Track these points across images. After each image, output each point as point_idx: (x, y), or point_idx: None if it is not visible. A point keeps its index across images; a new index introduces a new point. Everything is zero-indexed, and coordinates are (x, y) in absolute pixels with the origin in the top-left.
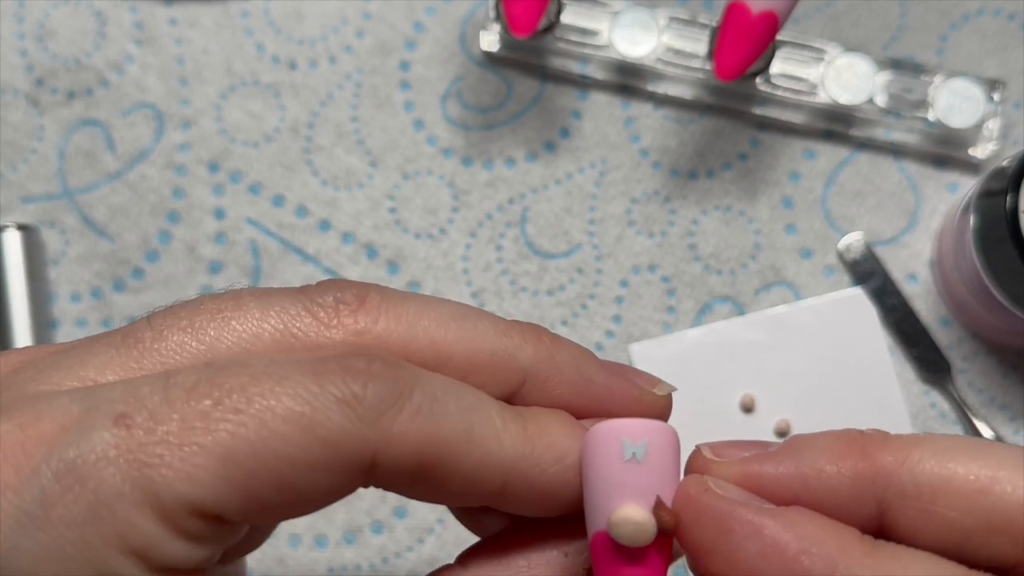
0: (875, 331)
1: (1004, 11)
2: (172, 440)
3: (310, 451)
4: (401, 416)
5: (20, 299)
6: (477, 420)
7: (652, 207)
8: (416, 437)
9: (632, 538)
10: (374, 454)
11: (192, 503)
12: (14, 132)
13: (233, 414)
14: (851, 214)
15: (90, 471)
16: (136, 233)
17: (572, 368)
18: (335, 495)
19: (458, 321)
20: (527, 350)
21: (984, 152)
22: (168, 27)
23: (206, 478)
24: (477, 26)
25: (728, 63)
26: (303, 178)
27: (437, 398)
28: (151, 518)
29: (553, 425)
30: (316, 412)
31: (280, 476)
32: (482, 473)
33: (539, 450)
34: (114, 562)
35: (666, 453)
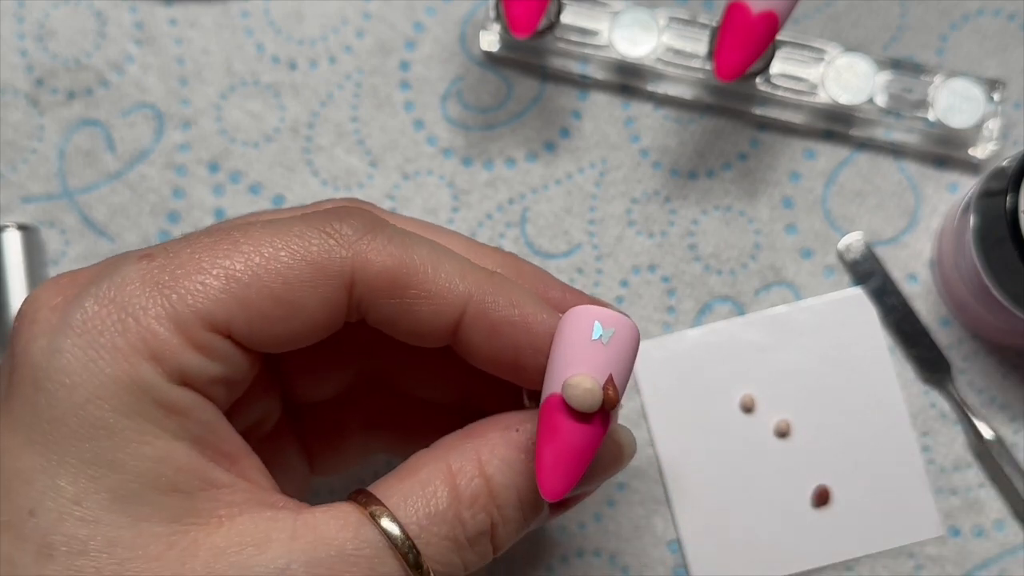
0: (875, 331)
1: (1004, 11)
2: (184, 266)
3: (298, 269)
4: (376, 241)
5: (20, 299)
6: (446, 256)
7: (652, 207)
8: (388, 257)
9: (581, 401)
10: (352, 270)
11: (202, 314)
12: (14, 132)
13: (233, 244)
14: (851, 214)
15: (119, 292)
16: (136, 233)
17: (532, 276)
18: (327, 316)
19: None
20: (495, 258)
21: (984, 152)
22: (168, 27)
23: (212, 293)
24: (477, 26)
25: (728, 63)
26: (303, 178)
27: (407, 234)
28: (169, 328)
29: (516, 284)
30: (301, 238)
31: (275, 291)
32: (445, 297)
33: (499, 289)
34: (138, 363)
35: (626, 344)
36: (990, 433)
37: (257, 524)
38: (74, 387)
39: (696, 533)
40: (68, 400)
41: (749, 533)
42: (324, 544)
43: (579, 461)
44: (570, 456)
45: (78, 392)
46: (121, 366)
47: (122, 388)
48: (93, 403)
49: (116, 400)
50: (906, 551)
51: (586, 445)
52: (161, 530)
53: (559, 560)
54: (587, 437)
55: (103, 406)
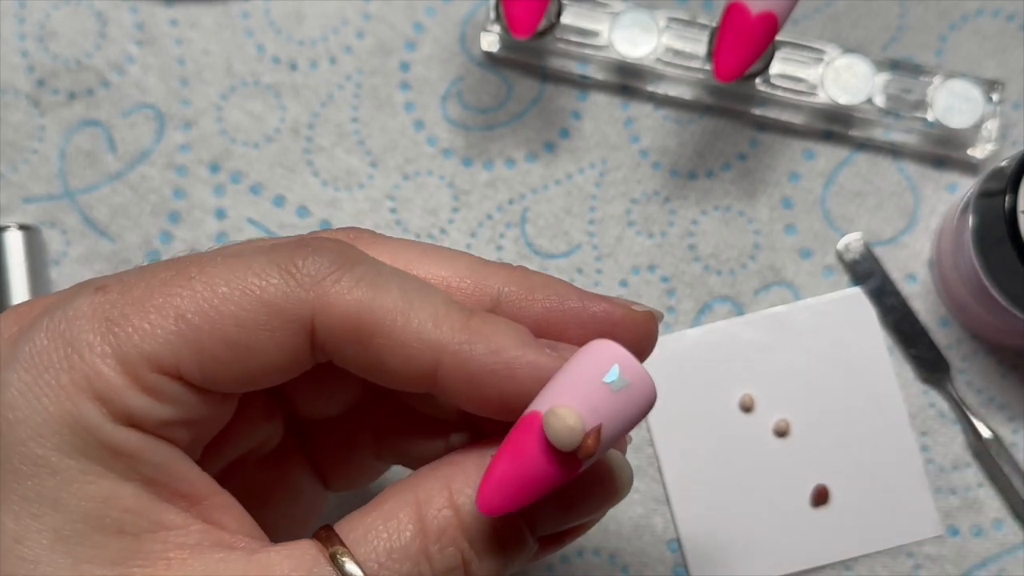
0: (874, 331)
1: (1003, 12)
2: (135, 303)
3: (252, 310)
4: (340, 283)
5: (21, 299)
6: (418, 301)
7: (652, 207)
8: (352, 302)
9: (555, 434)
10: (312, 315)
11: (149, 356)
12: (15, 133)
13: (187, 281)
14: (850, 214)
15: (69, 326)
16: (137, 233)
17: (544, 288)
18: (286, 360)
19: (438, 252)
20: (500, 275)
21: (983, 152)
22: (169, 28)
23: (160, 333)
24: (477, 27)
25: (727, 64)
26: (304, 179)
27: (380, 275)
28: (114, 367)
29: (500, 325)
30: (258, 278)
31: (227, 334)
32: (416, 348)
33: (475, 338)
34: (81, 403)
35: (635, 402)
36: (989, 433)
37: (207, 566)
38: (17, 423)
39: (696, 532)
40: (11, 436)
41: (748, 532)
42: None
43: (529, 490)
44: (521, 481)
45: (20, 428)
46: (64, 405)
47: (65, 427)
48: (35, 440)
49: (58, 439)
50: (905, 550)
51: (542, 478)
52: (104, 572)
53: (559, 559)
54: (547, 472)
55: (45, 444)
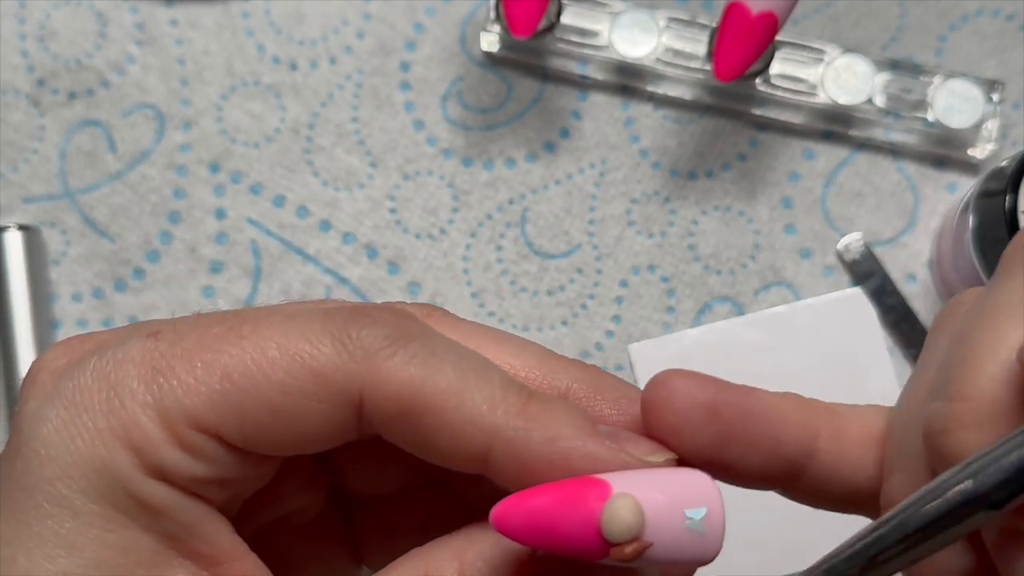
0: (874, 331)
1: (1003, 12)
2: (185, 355)
3: (300, 379)
4: (393, 359)
5: (21, 299)
6: (475, 381)
7: (652, 207)
8: (404, 380)
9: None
10: (361, 389)
11: (190, 412)
12: (15, 133)
13: (238, 339)
14: (850, 214)
15: (116, 369)
16: (137, 233)
17: (615, 390)
18: (331, 431)
19: (508, 340)
20: (571, 372)
21: (983, 152)
22: (169, 28)
23: (204, 391)
24: (477, 27)
25: (727, 64)
26: (304, 178)
27: (436, 352)
28: (154, 419)
29: (559, 411)
30: (310, 345)
31: (272, 400)
32: (468, 432)
33: (532, 425)
34: (114, 451)
35: (692, 553)
36: None
37: None
38: (48, 460)
39: None
40: (40, 473)
41: (747, 533)
42: None
43: (549, 535)
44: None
45: (50, 467)
46: (97, 449)
47: (94, 471)
48: (62, 480)
49: (86, 482)
50: None
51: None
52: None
53: None
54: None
55: (72, 486)
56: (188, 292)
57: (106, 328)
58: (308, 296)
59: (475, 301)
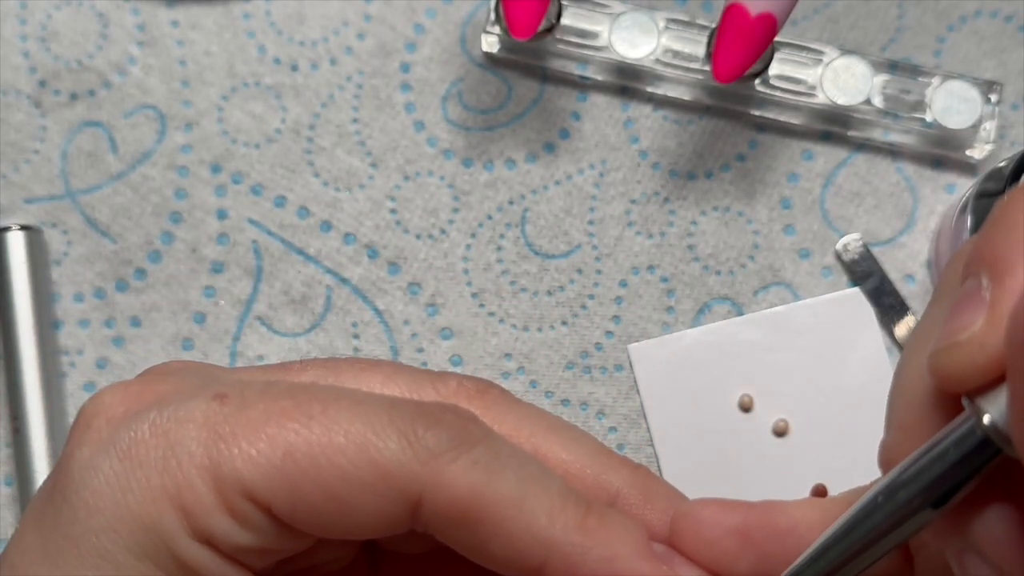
0: (873, 331)
1: (1002, 13)
2: (249, 424)
3: (361, 469)
4: (457, 463)
5: (23, 299)
6: (534, 492)
7: (651, 208)
8: (465, 486)
9: None
10: (421, 491)
11: (245, 482)
12: (16, 133)
13: (306, 418)
14: (849, 215)
15: (177, 427)
16: (138, 234)
17: (664, 500)
18: (383, 524)
19: (562, 431)
20: (622, 473)
21: (981, 153)
22: (170, 29)
23: (263, 464)
24: (477, 28)
25: (726, 65)
26: (304, 179)
27: (499, 458)
28: (207, 484)
29: (618, 528)
30: (376, 437)
31: (330, 485)
32: (525, 543)
33: (590, 542)
34: (164, 511)
35: None
36: None
37: None
38: (96, 511)
39: None
40: (86, 523)
41: None
42: None
43: None
44: None
45: (97, 519)
46: (147, 507)
47: (141, 529)
48: (108, 535)
49: (132, 539)
50: None
51: None
52: None
53: None
54: None
55: (118, 541)
56: (189, 292)
57: (108, 329)
58: (309, 295)
59: (475, 301)
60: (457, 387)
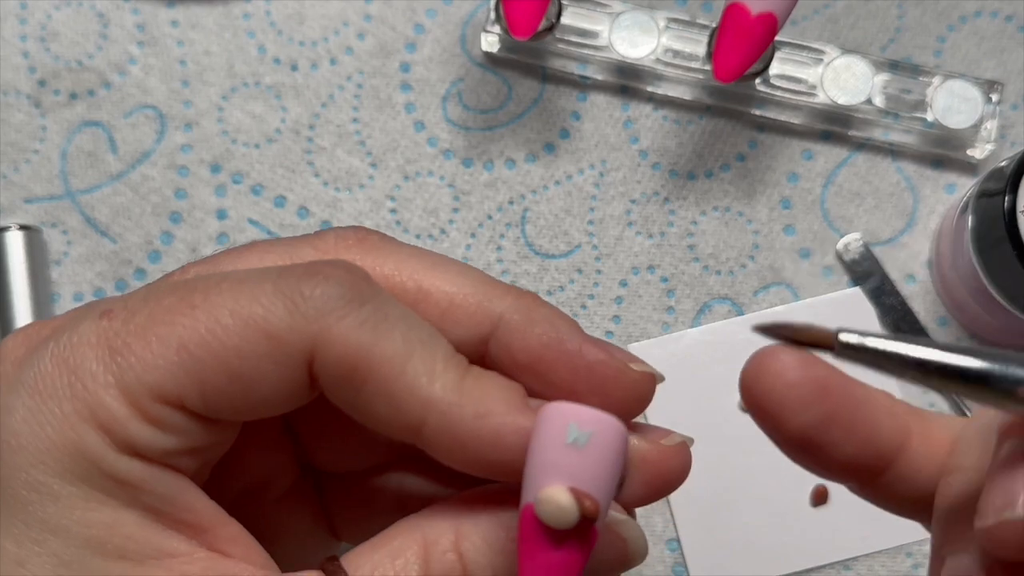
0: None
1: (1002, 12)
2: (139, 330)
3: (254, 342)
4: (344, 321)
5: (23, 299)
6: (419, 353)
7: (651, 208)
8: (353, 344)
9: (554, 518)
10: (312, 349)
11: (151, 386)
12: (16, 133)
13: (190, 309)
14: (849, 215)
15: (74, 352)
16: (138, 233)
17: (547, 323)
18: (287, 391)
19: (446, 267)
20: (506, 300)
21: (982, 153)
22: (170, 28)
23: (163, 364)
24: (477, 27)
25: (727, 64)
26: (304, 179)
27: (387, 318)
28: (117, 398)
29: (492, 387)
30: (262, 308)
31: (229, 365)
32: (406, 401)
33: (464, 400)
34: (84, 432)
35: (608, 447)
36: None
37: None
38: (20, 449)
39: (695, 532)
40: (12, 462)
41: (748, 532)
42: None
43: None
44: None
45: (23, 455)
46: (67, 433)
47: (67, 455)
48: (37, 467)
49: (60, 466)
50: (904, 550)
51: (569, 565)
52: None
53: None
54: (569, 557)
55: (47, 471)
56: None
57: None
58: None
59: None
60: (335, 240)
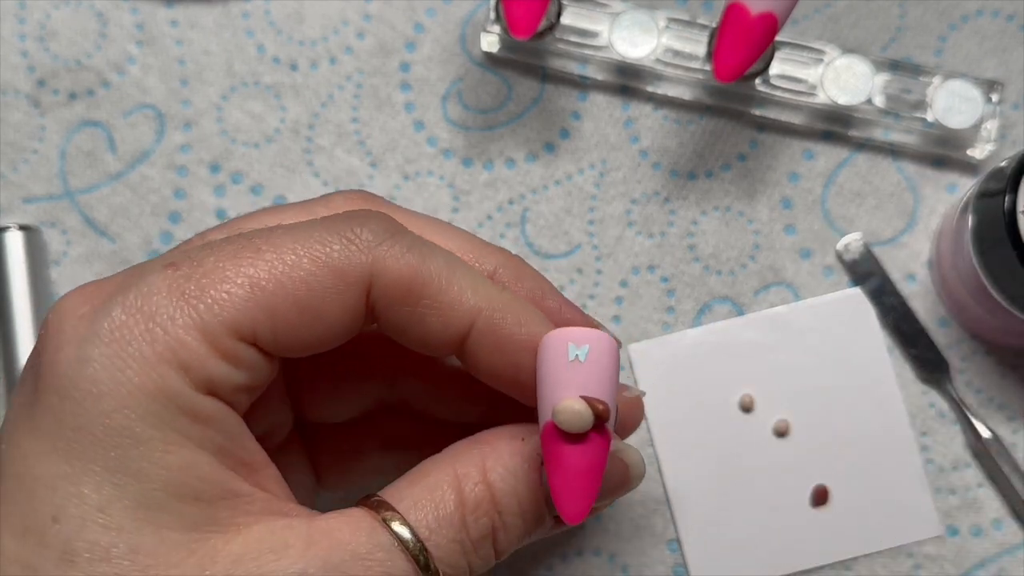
0: (874, 331)
1: (1003, 12)
2: (209, 275)
3: (320, 275)
4: (394, 247)
5: (22, 299)
6: (460, 270)
7: (652, 208)
8: (405, 265)
9: (572, 424)
10: (371, 275)
11: (228, 323)
12: (15, 133)
13: (256, 252)
14: (850, 214)
15: (146, 301)
16: (137, 233)
17: (532, 281)
18: (349, 321)
19: (443, 226)
20: (498, 257)
21: (982, 153)
22: (169, 28)
23: (238, 301)
24: (477, 27)
25: (727, 64)
26: (304, 179)
27: (426, 244)
28: (196, 337)
29: (524, 302)
30: (323, 245)
31: (299, 297)
32: (457, 310)
33: (507, 306)
34: (165, 374)
35: (604, 357)
36: (988, 433)
37: (273, 532)
38: (101, 396)
39: (695, 532)
40: (95, 409)
41: (748, 532)
42: (339, 549)
43: (590, 480)
44: (580, 478)
45: (105, 401)
46: (149, 375)
47: (149, 398)
48: (120, 412)
49: (143, 409)
50: (904, 550)
51: (592, 464)
52: (182, 538)
53: (559, 559)
54: (590, 456)
55: (130, 415)
56: None
57: None
58: None
59: None
60: (344, 200)
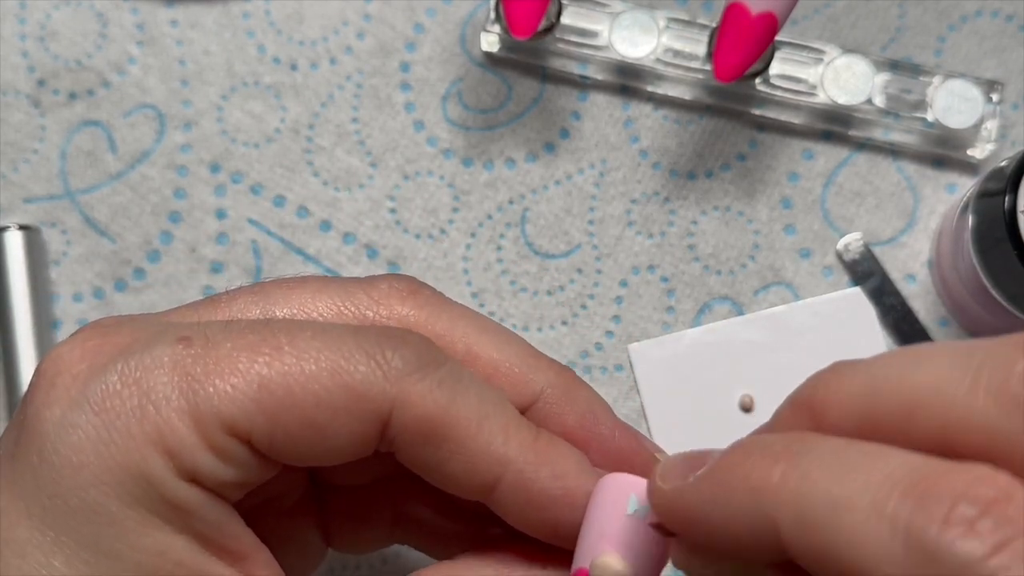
0: (874, 331)
1: (1003, 12)
2: (219, 362)
3: (335, 394)
4: (424, 382)
5: (22, 299)
6: (493, 414)
7: (651, 208)
8: (431, 404)
9: None
10: (391, 408)
11: (225, 418)
12: (15, 133)
13: (275, 350)
14: (850, 214)
15: (146, 375)
16: (137, 233)
17: (584, 403)
18: (356, 445)
19: (493, 332)
20: (548, 375)
21: (982, 153)
22: (169, 28)
23: (240, 399)
24: (477, 27)
25: (727, 64)
26: (304, 179)
27: (461, 380)
28: (188, 425)
29: (563, 449)
30: (347, 362)
31: (306, 412)
32: (483, 459)
33: (541, 460)
34: (149, 456)
35: None
36: None
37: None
38: (81, 467)
39: None
40: (72, 479)
41: None
42: None
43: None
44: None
45: (84, 473)
46: (131, 456)
47: (129, 477)
48: (98, 488)
49: (121, 488)
50: None
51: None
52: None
53: None
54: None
55: (108, 492)
56: (188, 292)
57: None
58: None
59: (475, 301)
60: (388, 289)
